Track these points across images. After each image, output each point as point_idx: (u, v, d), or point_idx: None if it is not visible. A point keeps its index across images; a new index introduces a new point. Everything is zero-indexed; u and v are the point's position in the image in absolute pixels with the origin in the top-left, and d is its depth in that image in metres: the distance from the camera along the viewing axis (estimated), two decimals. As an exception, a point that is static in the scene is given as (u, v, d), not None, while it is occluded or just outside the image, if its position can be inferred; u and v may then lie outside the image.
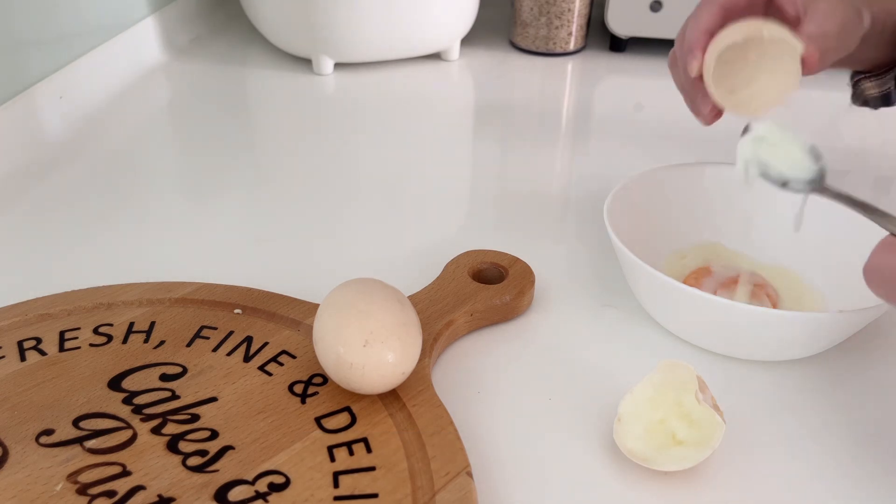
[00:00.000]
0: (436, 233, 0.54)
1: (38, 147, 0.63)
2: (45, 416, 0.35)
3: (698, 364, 0.42)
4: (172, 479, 0.32)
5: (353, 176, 0.62)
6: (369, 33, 0.79)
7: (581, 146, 0.69)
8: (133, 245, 0.52)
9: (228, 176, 0.62)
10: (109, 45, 0.74)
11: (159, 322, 0.41)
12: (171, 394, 0.36)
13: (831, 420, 0.39)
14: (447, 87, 0.83)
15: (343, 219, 0.56)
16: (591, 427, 0.38)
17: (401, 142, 0.69)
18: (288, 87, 0.79)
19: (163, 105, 0.76)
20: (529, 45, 0.89)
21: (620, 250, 0.42)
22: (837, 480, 0.35)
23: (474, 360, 0.42)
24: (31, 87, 0.63)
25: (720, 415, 0.34)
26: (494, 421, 0.38)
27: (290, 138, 0.69)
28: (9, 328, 0.40)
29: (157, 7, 0.84)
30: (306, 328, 0.41)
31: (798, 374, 0.41)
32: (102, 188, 0.59)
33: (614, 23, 0.87)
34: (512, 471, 0.35)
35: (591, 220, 0.55)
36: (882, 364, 0.42)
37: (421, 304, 0.43)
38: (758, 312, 0.38)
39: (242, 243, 0.53)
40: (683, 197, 0.50)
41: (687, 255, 0.49)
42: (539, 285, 0.47)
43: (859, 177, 0.64)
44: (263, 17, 0.82)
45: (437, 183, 0.62)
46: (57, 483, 0.32)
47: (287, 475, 0.32)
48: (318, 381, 0.37)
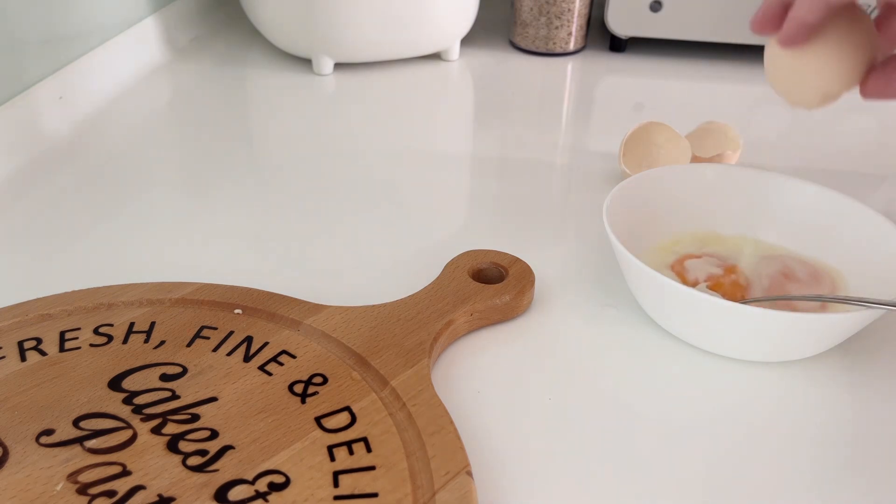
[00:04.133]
0: (436, 233, 0.54)
1: (38, 147, 0.63)
2: (46, 416, 0.35)
3: (698, 364, 0.42)
4: (172, 478, 0.32)
5: (353, 176, 0.62)
6: (369, 33, 0.79)
7: (581, 146, 0.69)
8: (133, 245, 0.52)
9: (228, 176, 0.62)
10: (109, 45, 0.74)
11: (159, 322, 0.41)
12: (171, 394, 0.36)
13: (832, 420, 0.39)
14: (447, 87, 0.83)
15: (343, 218, 0.56)
16: (591, 427, 0.38)
17: (401, 142, 0.69)
18: (288, 87, 0.79)
19: (163, 105, 0.76)
20: (529, 45, 0.89)
21: (619, 250, 0.42)
22: (838, 480, 0.35)
23: (474, 360, 0.42)
24: (31, 87, 0.63)
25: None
26: (494, 421, 0.38)
27: (290, 138, 0.69)
28: (9, 328, 0.40)
29: (157, 7, 0.84)
30: (306, 328, 0.41)
31: (799, 375, 0.41)
32: (102, 188, 0.59)
33: (614, 23, 0.87)
34: (512, 471, 0.35)
35: (591, 220, 0.55)
36: (883, 364, 0.42)
37: (421, 304, 0.43)
38: (757, 313, 0.38)
39: (242, 243, 0.53)
40: (683, 197, 0.50)
41: (680, 242, 0.49)
42: (539, 285, 0.47)
43: (859, 176, 0.64)
44: (263, 17, 0.82)
45: (437, 183, 0.62)
46: (57, 483, 0.32)
47: (287, 475, 0.32)
48: (318, 381, 0.37)
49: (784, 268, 0.46)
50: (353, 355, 0.39)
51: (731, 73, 0.85)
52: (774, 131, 0.73)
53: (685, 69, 0.86)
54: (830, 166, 0.66)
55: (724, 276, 0.45)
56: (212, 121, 0.72)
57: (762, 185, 0.50)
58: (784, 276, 0.45)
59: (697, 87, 0.82)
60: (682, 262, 0.47)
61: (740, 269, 0.46)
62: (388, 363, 0.38)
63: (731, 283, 0.45)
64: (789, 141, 0.71)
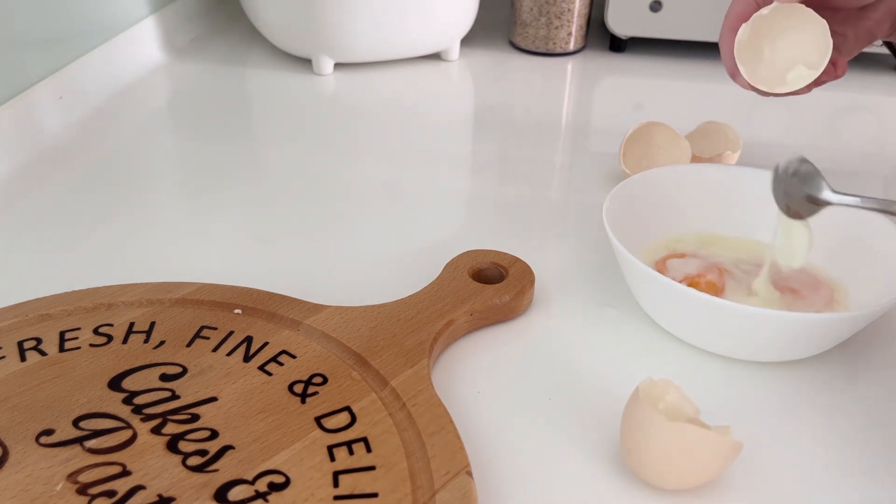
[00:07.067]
0: (436, 233, 0.54)
1: (38, 147, 0.63)
2: (46, 416, 0.35)
3: (698, 364, 0.42)
4: (172, 478, 0.32)
5: (353, 176, 0.62)
6: (369, 33, 0.79)
7: (581, 146, 0.69)
8: (133, 245, 0.52)
9: (228, 176, 0.62)
10: (109, 45, 0.74)
11: (159, 322, 0.41)
12: (171, 394, 0.36)
13: (833, 420, 0.39)
14: (447, 87, 0.83)
15: (343, 218, 0.56)
16: (591, 427, 0.38)
17: (401, 141, 0.69)
18: (288, 87, 0.79)
19: (163, 105, 0.76)
20: (529, 46, 0.89)
21: (619, 250, 0.42)
22: (839, 480, 0.35)
23: (474, 360, 0.42)
24: (31, 87, 0.63)
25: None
26: (494, 421, 0.38)
27: (290, 138, 0.69)
28: (9, 328, 0.40)
29: (157, 7, 0.84)
30: (306, 328, 0.41)
31: (799, 375, 0.41)
32: (102, 188, 0.59)
33: (614, 23, 0.87)
34: (512, 470, 0.35)
35: (591, 220, 0.55)
36: (883, 364, 0.42)
37: (421, 304, 0.43)
38: (757, 313, 0.38)
39: (242, 243, 0.53)
40: (683, 197, 0.50)
41: (680, 242, 0.49)
42: (539, 285, 0.47)
43: (860, 176, 0.64)
44: (263, 17, 0.82)
45: (437, 182, 0.62)
46: (57, 483, 0.32)
47: (287, 475, 0.32)
48: (318, 381, 0.37)
49: (781, 276, 0.46)
50: (353, 355, 0.39)
51: (731, 73, 0.85)
52: (774, 131, 0.73)
53: (685, 69, 0.86)
54: (830, 166, 0.66)
55: (698, 276, 0.45)
56: (212, 121, 0.72)
57: (762, 185, 0.50)
58: (787, 289, 0.45)
59: (697, 87, 0.82)
60: (665, 262, 0.47)
61: (724, 269, 0.46)
62: (388, 363, 0.38)
63: (707, 284, 0.45)
64: (789, 141, 0.71)
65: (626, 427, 0.34)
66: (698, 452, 0.32)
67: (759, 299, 0.44)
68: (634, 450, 0.33)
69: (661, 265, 0.47)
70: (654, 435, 0.32)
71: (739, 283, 0.45)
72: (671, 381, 0.34)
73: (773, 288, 0.44)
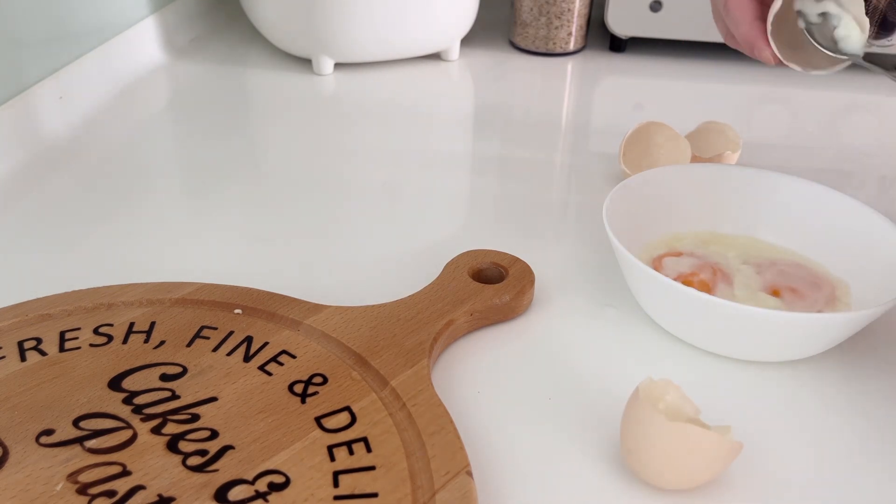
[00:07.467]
0: (436, 233, 0.54)
1: (38, 147, 0.63)
2: (46, 416, 0.35)
3: (698, 364, 0.42)
4: (172, 478, 0.32)
5: (353, 176, 0.62)
6: (369, 33, 0.79)
7: (581, 146, 0.69)
8: (133, 245, 0.52)
9: (228, 176, 0.62)
10: (109, 45, 0.74)
11: (159, 322, 0.41)
12: (171, 394, 0.36)
13: (833, 420, 0.39)
14: (447, 87, 0.83)
15: (343, 218, 0.56)
16: (591, 427, 0.38)
17: (401, 141, 0.69)
18: (288, 87, 0.79)
19: (163, 105, 0.76)
20: (529, 46, 0.89)
21: (619, 250, 0.42)
22: (839, 480, 0.35)
23: (474, 360, 0.42)
24: (31, 87, 0.63)
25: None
26: (494, 421, 0.38)
27: (290, 138, 0.69)
28: (9, 328, 0.40)
29: (157, 7, 0.84)
30: (306, 328, 0.41)
31: (799, 375, 0.41)
32: (102, 188, 0.59)
33: (614, 23, 0.87)
34: (512, 470, 0.35)
35: (590, 220, 0.55)
36: (883, 364, 0.42)
37: (421, 304, 0.43)
38: (757, 314, 0.38)
39: (242, 243, 0.53)
40: (683, 197, 0.50)
41: (680, 242, 0.49)
42: (539, 285, 0.47)
43: (860, 177, 0.64)
44: (263, 17, 0.82)
45: (437, 182, 0.62)
46: (57, 483, 0.32)
47: (287, 475, 0.32)
48: (318, 380, 0.37)
49: (782, 275, 0.46)
50: (353, 355, 0.39)
51: (731, 73, 0.85)
52: (774, 131, 0.73)
53: (685, 69, 0.86)
54: (830, 166, 0.66)
55: (691, 274, 0.45)
56: (211, 121, 0.72)
57: (762, 185, 0.50)
58: (788, 288, 0.45)
59: (697, 87, 0.82)
60: (661, 260, 0.47)
61: (719, 269, 0.46)
62: (388, 363, 0.38)
63: (699, 283, 0.45)
64: (789, 141, 0.71)
65: (626, 427, 0.34)
66: (698, 452, 0.32)
67: (746, 299, 0.44)
68: (634, 450, 0.33)
69: (657, 263, 0.47)
70: (655, 435, 0.32)
71: (737, 282, 0.45)
72: (671, 381, 0.34)
73: (763, 291, 0.44)
